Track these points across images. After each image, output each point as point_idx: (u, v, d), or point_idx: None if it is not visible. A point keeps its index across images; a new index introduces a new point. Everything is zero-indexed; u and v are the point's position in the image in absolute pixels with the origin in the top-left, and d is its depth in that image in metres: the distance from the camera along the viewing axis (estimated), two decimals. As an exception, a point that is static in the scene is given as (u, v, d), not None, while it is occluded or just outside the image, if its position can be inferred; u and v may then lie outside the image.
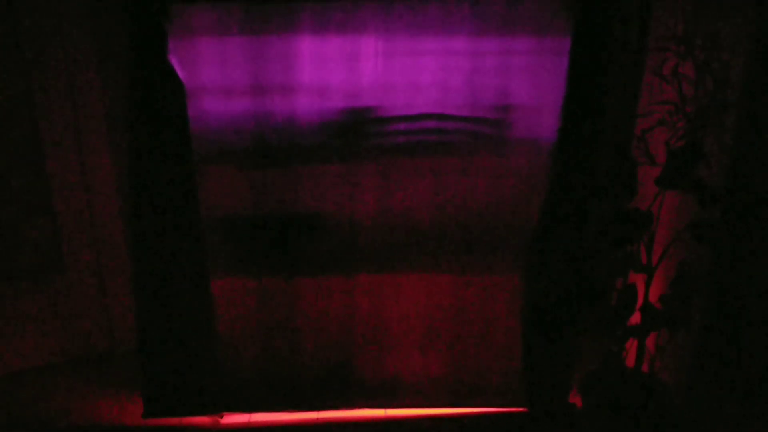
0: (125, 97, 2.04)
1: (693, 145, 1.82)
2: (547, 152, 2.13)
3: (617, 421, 2.17)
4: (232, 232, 2.21)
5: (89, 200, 2.66)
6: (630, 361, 2.20)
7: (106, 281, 2.76)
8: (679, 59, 1.76)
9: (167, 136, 2.06)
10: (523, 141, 2.16)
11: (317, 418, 2.40)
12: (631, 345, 2.16)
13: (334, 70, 2.08)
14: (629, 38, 2.00)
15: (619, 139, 2.00)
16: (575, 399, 2.39)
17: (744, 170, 1.83)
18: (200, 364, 2.30)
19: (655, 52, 1.80)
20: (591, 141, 2.06)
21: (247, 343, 2.33)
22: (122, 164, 2.61)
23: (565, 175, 2.09)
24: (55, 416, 2.38)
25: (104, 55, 2.51)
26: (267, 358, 2.35)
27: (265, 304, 2.29)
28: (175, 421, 2.37)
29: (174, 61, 2.01)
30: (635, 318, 2.09)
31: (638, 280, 2.09)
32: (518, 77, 2.10)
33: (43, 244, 2.67)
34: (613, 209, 1.93)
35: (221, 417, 2.40)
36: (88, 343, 2.82)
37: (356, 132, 2.14)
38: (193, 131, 2.08)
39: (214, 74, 2.06)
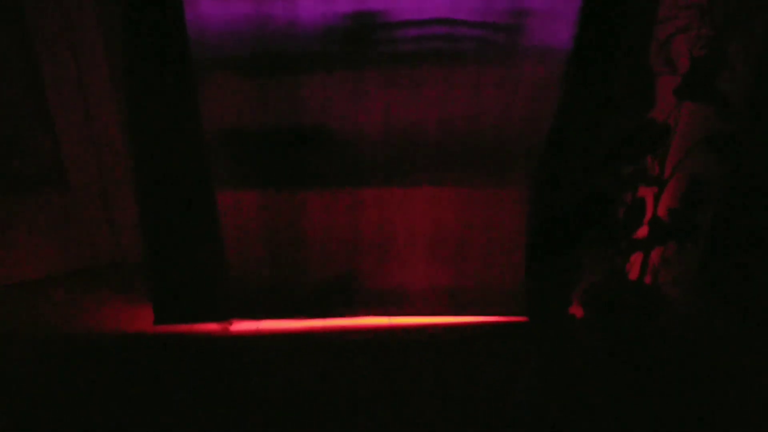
0: (119, 1, 1.92)
1: (717, 52, 1.73)
2: (563, 61, 2.04)
3: (616, 330, 2.23)
4: (235, 144, 2.16)
5: (88, 113, 2.58)
6: (633, 274, 2.23)
7: (111, 195, 2.74)
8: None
9: (164, 41, 1.95)
10: (537, 49, 2.06)
11: (323, 326, 2.46)
12: (635, 259, 2.17)
13: (339, -30, 1.95)
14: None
15: (639, 46, 1.90)
16: (576, 310, 2.44)
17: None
18: (208, 272, 2.33)
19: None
20: (609, 49, 1.96)
21: (253, 254, 2.34)
22: (120, 73, 2.51)
23: (581, 86, 2.01)
24: (66, 325, 2.44)
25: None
26: (274, 268, 2.38)
27: (271, 216, 2.29)
28: (185, 328, 2.43)
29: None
30: (642, 232, 2.09)
31: (647, 194, 2.07)
32: (534, -21, 1.98)
33: (45, 159, 2.62)
34: (629, 121, 1.87)
35: (230, 324, 2.47)
36: (95, 255, 2.85)
37: (362, 38, 2.04)
38: (191, 36, 1.97)
39: (212, -27, 1.93)
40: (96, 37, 2.47)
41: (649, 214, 2.06)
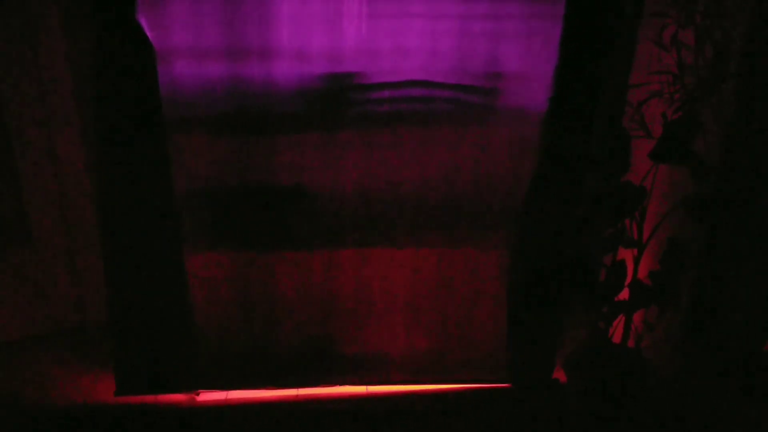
0: (91, 62, 1.90)
1: (690, 116, 1.75)
2: (539, 122, 2.04)
3: (600, 396, 2.15)
4: (208, 204, 2.10)
5: (57, 171, 2.52)
6: (617, 338, 2.17)
7: (76, 255, 2.64)
8: (679, 26, 1.67)
9: (136, 102, 1.93)
10: (513, 110, 2.07)
11: (296, 395, 2.34)
12: (619, 322, 2.12)
13: (315, 33, 1.95)
14: (625, 2, 1.91)
15: (613, 110, 1.92)
16: (559, 374, 2.37)
17: (741, 145, 1.76)
18: (175, 340, 2.22)
19: (653, 18, 1.71)
20: (584, 111, 1.98)
21: (223, 319, 2.24)
22: (90, 133, 2.47)
23: (557, 147, 2.01)
24: (22, 393, 2.29)
25: (70, 16, 2.35)
26: (244, 334, 2.27)
27: (243, 279, 2.20)
28: (149, 398, 2.29)
29: (143, 22, 1.87)
30: (623, 294, 2.05)
31: (628, 255, 2.04)
32: (509, 43, 2.00)
33: (9, 216, 2.53)
34: (605, 183, 1.86)
35: (197, 394, 2.33)
36: (57, 319, 2.72)
37: (338, 99, 2.03)
38: (164, 97, 1.95)
39: (187, 36, 1.92)
40: (68, 95, 2.44)
41: (629, 277, 2.03)
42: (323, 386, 2.37)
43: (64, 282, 2.69)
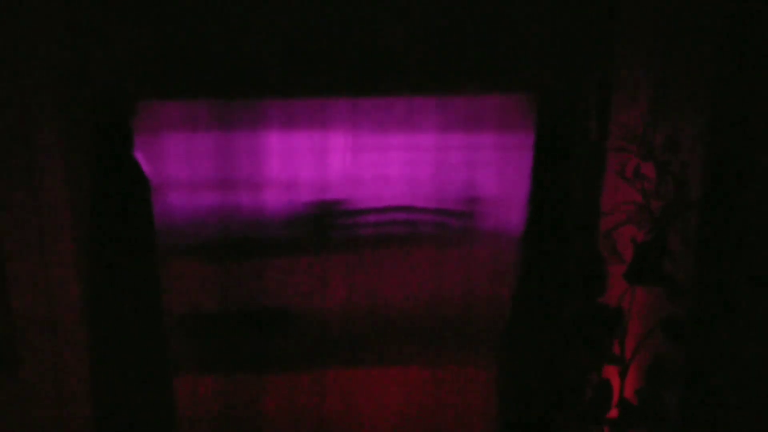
0: (88, 192, 2.00)
1: (657, 240, 1.83)
2: (515, 244, 2.13)
3: None
4: (197, 328, 2.14)
5: (49, 297, 2.56)
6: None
7: (64, 380, 2.63)
8: (641, 160, 1.79)
9: (131, 231, 2.01)
10: (492, 232, 2.16)
11: None
12: (609, 441, 2.09)
13: (302, 165, 2.08)
14: (590, 136, 2.05)
15: (586, 235, 2.02)
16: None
17: (708, 266, 1.83)
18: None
19: (617, 152, 1.84)
20: (557, 234, 2.07)
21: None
22: (84, 261, 2.53)
23: (534, 268, 2.08)
24: None
25: (69, 150, 2.48)
26: (231, 459, 2.23)
27: (230, 400, 2.20)
28: None
29: (140, 157, 1.99)
30: (613, 412, 2.04)
31: (614, 374, 2.05)
32: (485, 170, 2.13)
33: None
34: (583, 305, 1.91)
35: None
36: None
37: (325, 224, 2.13)
38: (158, 226, 2.04)
39: (181, 169, 2.05)
40: (64, 221, 2.52)
41: (616, 396, 2.03)
42: None
43: (51, 405, 2.65)
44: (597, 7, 2.00)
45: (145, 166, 2.00)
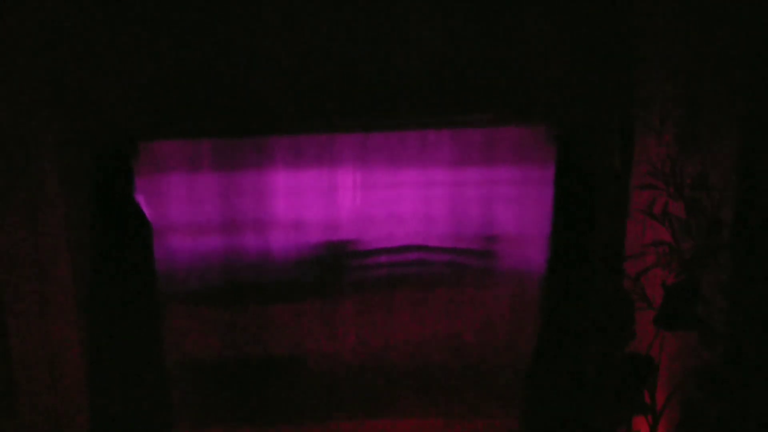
0: (88, 238, 1.92)
1: (689, 283, 1.71)
2: (537, 285, 2.02)
3: None
4: (200, 377, 2.04)
5: (48, 343, 2.47)
6: None
7: (64, 429, 2.53)
8: (669, 198, 1.69)
9: (132, 276, 1.93)
10: (510, 273, 2.05)
11: None
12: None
13: (310, 204, 2.00)
14: (614, 170, 1.95)
15: (612, 275, 1.91)
16: None
17: (743, 311, 1.72)
18: None
19: (643, 189, 1.73)
20: (581, 274, 1.95)
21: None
22: (84, 307, 2.44)
23: (557, 311, 1.97)
24: None
25: (69, 192, 2.40)
26: None
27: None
28: None
29: (141, 199, 1.91)
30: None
31: (643, 423, 1.92)
32: (502, 206, 2.03)
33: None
34: (612, 349, 1.80)
35: None
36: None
37: (335, 267, 2.03)
38: (160, 271, 1.95)
39: (184, 211, 1.97)
40: (64, 267, 2.44)
41: (647, 447, 1.90)
42: None
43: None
44: (619, 39, 1.91)
45: (147, 209, 1.92)
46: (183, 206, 1.96)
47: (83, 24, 1.81)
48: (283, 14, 1.84)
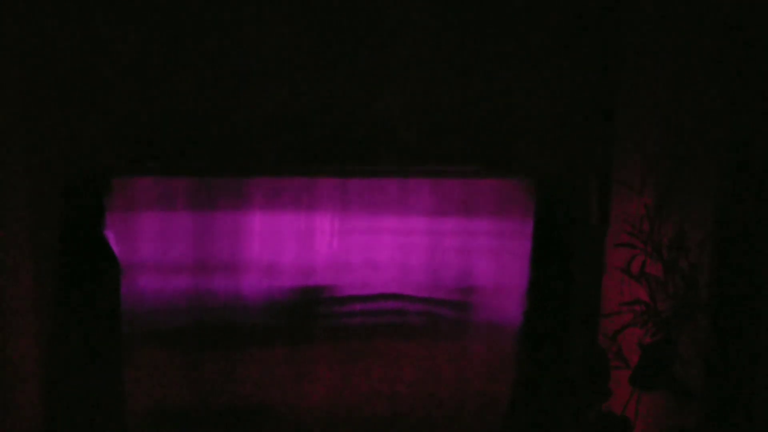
0: (54, 274, 1.85)
1: (667, 342, 1.70)
2: (513, 338, 1.99)
3: None
4: (163, 426, 1.95)
5: (7, 386, 2.34)
6: None
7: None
8: (647, 257, 1.69)
9: (95, 316, 1.86)
10: (487, 324, 2.02)
11: None
12: None
13: (285, 247, 1.96)
14: (591, 225, 1.95)
15: (588, 334, 1.89)
16: None
17: (720, 372, 1.70)
18: None
19: (623, 248, 1.73)
20: (558, 328, 1.93)
21: None
22: (45, 350, 2.33)
23: (533, 366, 1.94)
24: None
25: (36, 228, 2.32)
26: None
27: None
28: None
29: (111, 235, 1.85)
30: None
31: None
32: (480, 258, 2.01)
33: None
34: (586, 411, 1.76)
35: None
36: None
37: (307, 313, 1.98)
38: (125, 311, 1.88)
39: (155, 249, 1.91)
40: (26, 308, 2.34)
41: None
42: None
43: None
44: (600, 96, 1.94)
45: (116, 245, 1.86)
46: (154, 244, 1.90)
47: (58, 57, 1.78)
48: (265, 58, 1.84)
